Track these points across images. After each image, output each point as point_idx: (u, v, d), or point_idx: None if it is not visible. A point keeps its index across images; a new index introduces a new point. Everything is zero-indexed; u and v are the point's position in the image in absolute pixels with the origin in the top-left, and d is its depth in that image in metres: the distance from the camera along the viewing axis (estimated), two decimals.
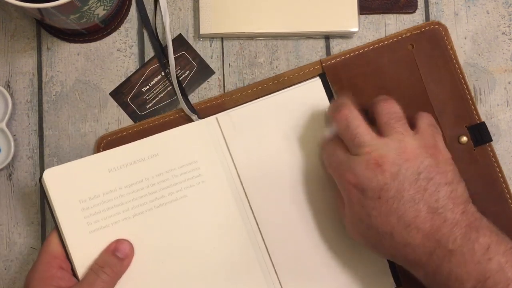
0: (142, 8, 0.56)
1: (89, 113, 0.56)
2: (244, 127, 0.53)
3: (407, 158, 0.44)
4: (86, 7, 0.48)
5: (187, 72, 0.56)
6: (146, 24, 0.56)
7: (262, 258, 0.52)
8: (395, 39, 0.55)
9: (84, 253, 0.49)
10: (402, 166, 0.44)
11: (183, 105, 0.54)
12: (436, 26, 0.55)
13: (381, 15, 0.57)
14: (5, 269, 0.55)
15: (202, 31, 0.55)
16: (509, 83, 0.56)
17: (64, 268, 0.48)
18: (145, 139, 0.52)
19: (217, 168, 0.52)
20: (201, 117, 0.54)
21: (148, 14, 0.56)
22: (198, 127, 0.53)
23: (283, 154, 0.53)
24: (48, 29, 0.56)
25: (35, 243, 0.55)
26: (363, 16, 0.56)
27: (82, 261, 0.49)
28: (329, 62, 0.55)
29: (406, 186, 0.43)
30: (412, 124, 0.47)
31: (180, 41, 0.56)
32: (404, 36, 0.55)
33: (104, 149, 0.53)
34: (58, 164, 0.55)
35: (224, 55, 0.56)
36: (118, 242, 0.49)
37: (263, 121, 0.53)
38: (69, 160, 0.55)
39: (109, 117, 0.56)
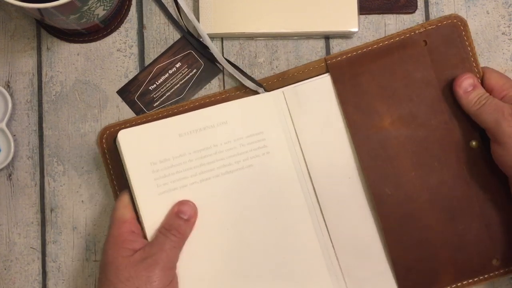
0: None
1: (89, 113, 0.56)
2: (309, 102, 0.53)
3: None
4: (86, 7, 0.48)
5: (194, 71, 0.56)
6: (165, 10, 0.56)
7: (321, 232, 0.53)
8: (408, 34, 0.54)
9: (153, 214, 0.51)
10: None
11: (246, 81, 0.54)
12: (455, 21, 0.53)
13: (381, 15, 0.57)
14: (5, 269, 0.55)
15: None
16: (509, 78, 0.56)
17: (135, 231, 0.50)
18: (215, 106, 0.53)
19: (282, 141, 0.53)
20: (267, 90, 0.54)
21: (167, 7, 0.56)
22: (265, 98, 0.54)
23: (345, 135, 0.53)
24: (48, 29, 0.56)
25: (35, 243, 0.55)
26: (363, 16, 0.56)
27: (151, 221, 0.50)
28: (334, 60, 0.54)
29: None
30: None
31: (187, 40, 0.56)
32: (417, 31, 0.54)
33: (106, 141, 0.53)
34: (58, 165, 0.55)
35: (224, 55, 0.56)
36: (181, 203, 0.51)
37: (325, 98, 0.54)
38: (69, 161, 0.55)
39: (109, 117, 0.56)
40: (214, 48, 0.55)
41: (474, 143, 0.53)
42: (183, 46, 0.56)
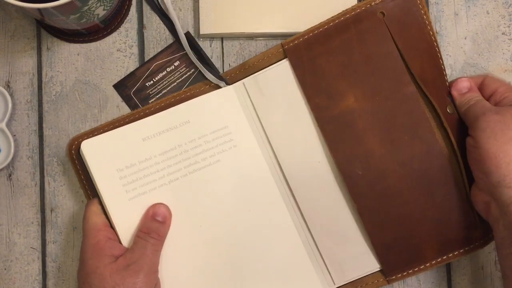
0: None
1: (89, 113, 0.56)
2: (270, 90, 0.53)
3: None
4: (86, 7, 0.48)
5: (192, 71, 0.56)
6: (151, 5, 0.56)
7: (297, 219, 0.53)
8: (363, 7, 0.52)
9: (125, 219, 0.51)
10: None
11: (207, 74, 0.54)
12: None
13: None
14: (5, 269, 0.55)
15: (202, 31, 0.55)
16: (509, 83, 0.56)
17: (111, 238, 0.50)
18: (175, 107, 0.53)
19: (248, 132, 0.53)
20: (228, 83, 0.54)
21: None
22: (226, 92, 0.54)
23: (309, 119, 0.53)
24: (48, 29, 0.56)
25: (35, 243, 0.55)
26: None
27: (124, 227, 0.51)
28: (291, 44, 0.53)
29: None
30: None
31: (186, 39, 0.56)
32: (373, 3, 0.52)
33: (75, 152, 0.53)
34: (58, 165, 0.55)
35: (224, 55, 0.56)
36: (155, 206, 0.51)
37: (286, 84, 0.53)
38: (69, 161, 0.55)
39: (109, 117, 0.56)
40: (182, 34, 0.54)
41: (449, 108, 0.52)
42: (182, 45, 0.56)
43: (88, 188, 0.53)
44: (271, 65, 0.54)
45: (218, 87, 0.54)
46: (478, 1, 0.57)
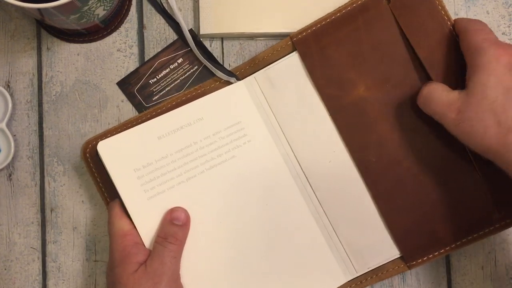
0: None
1: (89, 113, 0.56)
2: (282, 83, 0.53)
3: None
4: (86, 7, 0.48)
5: (195, 68, 0.56)
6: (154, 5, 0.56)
7: (314, 208, 0.53)
8: None
9: (145, 219, 0.51)
10: None
11: (216, 72, 0.54)
12: None
13: None
14: (5, 269, 0.55)
15: (202, 31, 0.55)
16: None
17: (138, 242, 0.50)
18: (188, 104, 0.53)
19: (261, 126, 0.53)
20: (239, 79, 0.54)
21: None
22: (238, 88, 0.54)
23: (322, 109, 0.53)
24: (48, 29, 0.56)
25: (35, 243, 0.55)
26: None
27: (145, 227, 0.51)
28: (299, 36, 0.53)
29: None
30: None
31: (182, 41, 0.56)
32: None
33: (90, 155, 0.53)
34: (58, 165, 0.55)
35: (224, 55, 0.56)
36: (173, 210, 0.51)
37: (297, 76, 0.53)
38: (69, 161, 0.55)
39: (109, 117, 0.56)
40: (188, 35, 0.54)
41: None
42: (185, 43, 0.56)
43: (105, 190, 0.53)
44: (280, 58, 0.54)
45: (229, 83, 0.54)
46: (478, 1, 0.57)
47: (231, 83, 0.54)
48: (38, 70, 0.56)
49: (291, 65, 0.53)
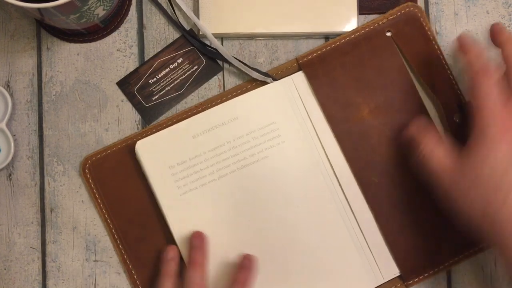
0: None
1: (89, 113, 0.56)
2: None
3: None
4: (86, 7, 0.48)
5: (196, 67, 0.56)
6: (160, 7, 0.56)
7: (345, 212, 0.53)
8: (372, 26, 0.55)
9: (177, 214, 0.53)
10: None
11: (252, 73, 0.54)
12: (411, 8, 0.55)
13: (381, 15, 0.57)
14: (5, 269, 0.55)
15: (202, 31, 0.55)
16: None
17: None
18: (223, 103, 0.54)
19: (296, 128, 0.54)
20: (276, 79, 0.55)
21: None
22: (274, 88, 0.54)
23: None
24: (48, 29, 0.56)
25: (35, 243, 0.55)
26: (362, 16, 0.56)
27: (176, 221, 0.53)
28: (305, 59, 0.55)
29: None
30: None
31: (186, 39, 0.56)
32: (380, 23, 0.55)
33: (89, 171, 0.54)
34: (58, 165, 0.55)
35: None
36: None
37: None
38: (69, 161, 0.55)
39: (109, 117, 0.56)
40: (220, 46, 0.55)
41: (456, 117, 0.54)
42: (185, 42, 0.56)
43: (103, 206, 0.54)
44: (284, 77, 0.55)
45: (265, 83, 0.55)
46: (478, 1, 0.57)
47: (267, 83, 0.55)
48: (38, 70, 0.56)
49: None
